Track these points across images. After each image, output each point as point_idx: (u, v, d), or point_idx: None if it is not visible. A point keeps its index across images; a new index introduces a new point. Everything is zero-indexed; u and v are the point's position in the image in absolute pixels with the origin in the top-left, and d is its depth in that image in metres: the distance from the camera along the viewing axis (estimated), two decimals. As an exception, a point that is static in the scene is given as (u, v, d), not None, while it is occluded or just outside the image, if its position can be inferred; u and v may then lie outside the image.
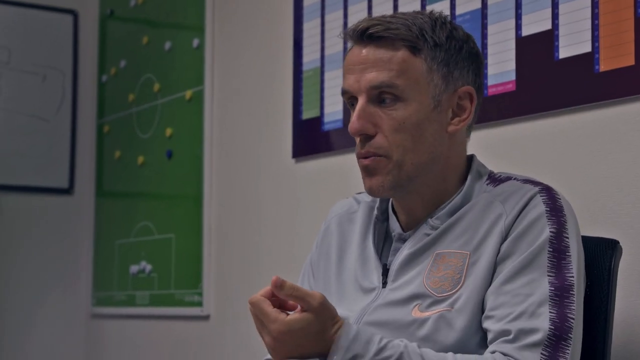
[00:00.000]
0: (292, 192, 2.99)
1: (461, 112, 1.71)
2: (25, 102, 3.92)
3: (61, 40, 4.01)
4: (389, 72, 1.66)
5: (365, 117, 1.67)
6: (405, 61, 1.67)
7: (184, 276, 3.45)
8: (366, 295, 1.72)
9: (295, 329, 1.53)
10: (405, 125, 1.66)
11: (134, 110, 3.80)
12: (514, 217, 1.62)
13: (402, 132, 1.66)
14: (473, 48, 1.73)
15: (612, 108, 2.06)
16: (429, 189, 1.71)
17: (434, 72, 1.67)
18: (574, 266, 1.59)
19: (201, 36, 3.42)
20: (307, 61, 2.89)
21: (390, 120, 1.66)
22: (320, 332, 1.54)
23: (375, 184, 1.68)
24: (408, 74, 1.66)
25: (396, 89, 1.66)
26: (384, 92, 1.66)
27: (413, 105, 1.66)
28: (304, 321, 1.53)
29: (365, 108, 1.67)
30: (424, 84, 1.67)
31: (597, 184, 2.08)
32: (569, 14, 2.14)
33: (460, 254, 1.64)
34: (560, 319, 1.55)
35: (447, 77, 1.69)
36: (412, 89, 1.66)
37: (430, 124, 1.68)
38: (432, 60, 1.67)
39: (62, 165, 4.00)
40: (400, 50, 1.67)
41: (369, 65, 1.67)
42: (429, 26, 1.68)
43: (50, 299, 3.96)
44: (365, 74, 1.67)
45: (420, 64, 1.67)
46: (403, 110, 1.66)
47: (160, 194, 3.62)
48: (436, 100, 1.68)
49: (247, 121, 3.21)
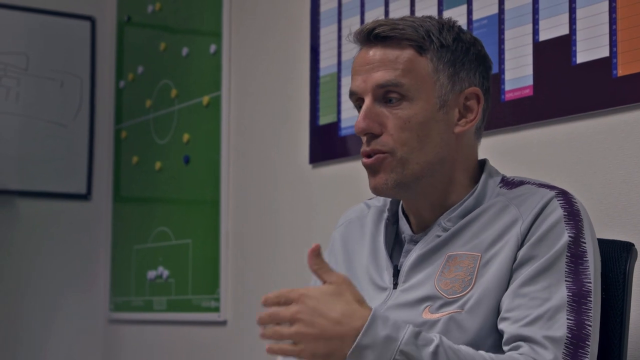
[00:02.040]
0: (308, 197, 2.99)
1: (468, 114, 1.71)
2: (43, 108, 3.93)
3: (79, 46, 4.03)
4: (394, 71, 1.67)
5: (371, 116, 1.68)
6: (411, 60, 1.67)
7: (201, 282, 3.45)
8: (379, 294, 1.72)
9: (313, 294, 1.50)
10: (411, 124, 1.66)
11: (151, 116, 3.81)
12: (530, 221, 1.62)
13: (407, 130, 1.66)
14: (480, 51, 1.73)
15: (630, 113, 2.05)
16: (435, 190, 1.71)
17: (440, 72, 1.68)
18: (591, 271, 1.59)
19: (218, 42, 3.42)
20: (324, 66, 2.90)
21: (396, 119, 1.67)
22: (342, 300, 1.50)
23: (379, 182, 1.69)
24: (414, 73, 1.67)
25: (402, 88, 1.66)
26: (390, 91, 1.67)
27: (419, 104, 1.67)
28: (326, 288, 1.51)
29: (371, 108, 1.68)
30: (430, 84, 1.68)
31: (615, 188, 2.07)
32: (587, 18, 2.14)
33: (472, 256, 1.64)
34: (577, 326, 1.54)
35: (454, 77, 1.69)
36: (418, 88, 1.67)
37: (436, 123, 1.68)
38: (439, 60, 1.68)
39: (80, 171, 4.01)
40: (406, 50, 1.68)
41: (375, 65, 1.68)
42: (435, 28, 1.69)
43: (68, 304, 3.97)
44: (372, 74, 1.68)
45: (426, 64, 1.68)
46: (409, 109, 1.67)
47: (178, 200, 3.62)
48: (442, 100, 1.68)
49: (264, 127, 3.21)
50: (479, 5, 2.40)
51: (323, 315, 1.49)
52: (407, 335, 1.48)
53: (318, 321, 1.48)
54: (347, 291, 1.52)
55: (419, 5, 2.57)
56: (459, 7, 2.45)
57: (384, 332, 1.48)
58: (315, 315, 1.48)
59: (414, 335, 1.49)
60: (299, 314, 1.49)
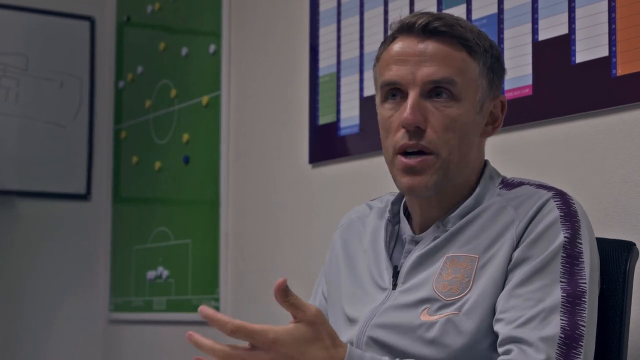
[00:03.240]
0: (308, 197, 2.99)
1: (493, 120, 1.74)
2: (42, 108, 3.93)
3: (78, 46, 4.03)
4: (449, 69, 1.66)
5: (419, 110, 1.66)
6: (464, 60, 1.67)
7: (200, 282, 3.45)
8: (379, 293, 1.72)
9: (287, 340, 1.45)
10: (456, 124, 1.66)
11: (150, 116, 3.81)
12: (526, 222, 1.62)
13: (452, 130, 1.66)
14: (502, 59, 1.76)
15: (630, 112, 2.05)
16: (454, 190, 1.71)
17: (484, 76, 1.69)
18: (587, 272, 1.58)
19: (218, 42, 3.42)
20: (323, 66, 2.89)
21: (443, 117, 1.66)
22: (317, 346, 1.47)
23: (419, 182, 1.66)
24: (465, 74, 1.67)
25: (455, 87, 1.66)
26: (441, 87, 1.66)
27: (465, 105, 1.67)
28: (298, 330, 1.46)
29: (418, 101, 1.66)
30: (475, 87, 1.68)
31: (614, 188, 2.07)
32: (586, 18, 2.13)
33: (470, 258, 1.64)
34: (571, 327, 1.54)
35: (492, 83, 1.71)
36: (467, 89, 1.67)
37: (474, 126, 1.69)
38: (484, 64, 1.69)
39: (80, 171, 4.01)
40: (460, 49, 1.67)
41: (427, 59, 1.66)
42: (476, 33, 1.70)
43: (67, 304, 3.97)
44: (423, 67, 1.66)
45: (475, 67, 1.68)
46: (456, 109, 1.66)
47: (177, 200, 3.62)
48: (480, 105, 1.69)
49: (264, 126, 3.21)
50: (478, 4, 2.40)
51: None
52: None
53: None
54: (322, 332, 1.48)
55: (419, 5, 2.57)
56: (458, 6, 2.45)
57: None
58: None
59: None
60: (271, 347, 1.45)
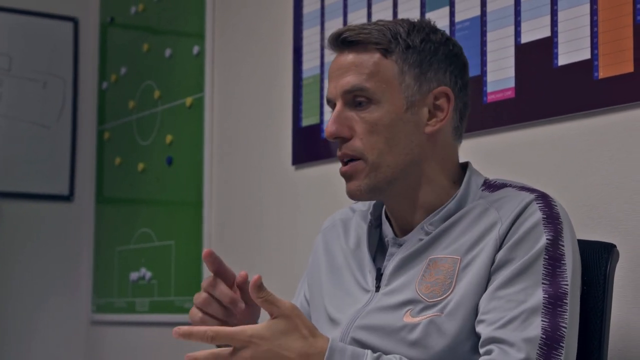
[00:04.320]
0: (292, 198, 2.99)
1: (438, 113, 1.71)
2: (25, 109, 3.92)
3: (62, 47, 4.02)
4: (359, 76, 1.68)
5: (340, 120, 1.70)
6: (376, 64, 1.69)
7: (184, 283, 3.45)
8: (363, 294, 1.73)
9: (264, 335, 1.48)
10: (378, 127, 1.68)
11: (134, 117, 3.80)
12: (509, 224, 1.62)
13: (375, 134, 1.68)
14: (452, 50, 1.74)
15: (612, 115, 2.06)
16: (413, 191, 1.71)
17: (406, 73, 1.69)
18: (569, 274, 1.59)
19: (201, 43, 3.42)
20: (306, 68, 2.90)
21: (364, 122, 1.68)
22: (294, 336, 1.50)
23: (353, 187, 1.71)
24: (379, 76, 1.68)
25: (367, 92, 1.68)
26: (357, 95, 1.69)
27: (385, 106, 1.68)
28: (274, 324, 1.49)
29: (341, 112, 1.70)
30: (396, 86, 1.69)
31: (596, 191, 2.08)
32: (568, 21, 2.14)
33: (452, 259, 1.64)
34: (552, 328, 1.54)
35: (420, 77, 1.70)
36: (384, 91, 1.68)
37: (405, 125, 1.69)
38: (404, 62, 1.69)
39: (63, 172, 4.00)
40: (372, 54, 1.69)
41: (344, 71, 1.70)
42: (404, 30, 1.70)
43: (50, 305, 3.96)
44: (341, 79, 1.70)
45: (392, 66, 1.69)
46: (376, 113, 1.68)
47: (161, 201, 3.62)
48: (409, 101, 1.69)
49: (247, 128, 3.22)
50: (461, 7, 2.41)
51: (279, 357, 1.48)
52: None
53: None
54: (298, 324, 1.51)
55: (402, 7, 2.58)
56: (441, 9, 2.46)
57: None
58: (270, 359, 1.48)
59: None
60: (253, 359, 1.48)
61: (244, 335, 1.49)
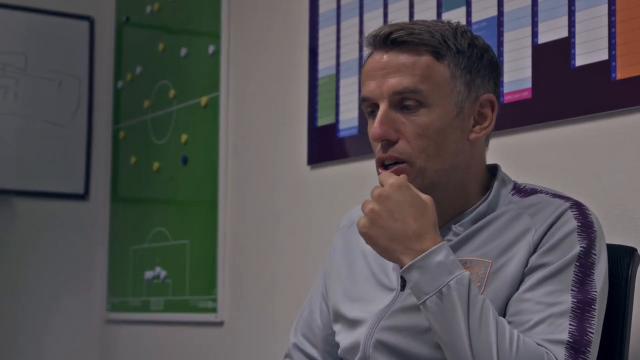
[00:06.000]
0: (307, 198, 2.99)
1: (482, 120, 1.70)
2: (41, 108, 3.93)
3: (77, 46, 4.03)
4: (412, 77, 1.65)
5: (387, 122, 1.66)
6: (429, 66, 1.65)
7: (198, 282, 3.45)
8: (385, 294, 1.72)
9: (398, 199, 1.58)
10: (429, 131, 1.65)
11: (149, 117, 3.81)
12: (543, 231, 1.62)
13: (425, 138, 1.65)
14: (493, 57, 1.73)
15: (629, 116, 2.05)
16: (449, 196, 1.70)
17: (457, 78, 1.67)
18: (599, 282, 1.59)
19: (217, 43, 3.42)
20: (322, 68, 2.89)
21: (414, 126, 1.65)
22: (421, 215, 1.58)
23: None
24: (432, 80, 1.65)
25: (420, 95, 1.65)
26: (407, 97, 1.65)
27: (436, 111, 1.65)
28: (415, 200, 1.59)
29: (387, 114, 1.66)
30: (447, 90, 1.66)
31: (614, 192, 2.07)
32: (586, 21, 2.14)
33: (482, 262, 1.64)
34: (579, 332, 1.54)
35: (470, 84, 1.68)
36: (436, 95, 1.65)
37: (453, 130, 1.67)
38: (456, 66, 1.67)
39: (78, 171, 4.01)
40: (423, 56, 1.66)
41: (391, 71, 1.66)
42: (450, 33, 1.68)
43: (65, 304, 3.97)
44: (388, 80, 1.66)
45: (444, 70, 1.66)
46: (426, 116, 1.65)
47: (175, 200, 3.62)
48: (459, 107, 1.67)
49: (263, 127, 3.21)
50: (478, 7, 2.40)
51: (398, 221, 1.58)
52: (460, 277, 1.53)
53: (392, 225, 1.58)
54: (431, 210, 1.59)
55: (418, 7, 2.57)
56: (458, 9, 2.45)
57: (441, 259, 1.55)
58: (389, 219, 1.59)
59: (468, 278, 1.53)
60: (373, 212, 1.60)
61: (379, 189, 1.61)
